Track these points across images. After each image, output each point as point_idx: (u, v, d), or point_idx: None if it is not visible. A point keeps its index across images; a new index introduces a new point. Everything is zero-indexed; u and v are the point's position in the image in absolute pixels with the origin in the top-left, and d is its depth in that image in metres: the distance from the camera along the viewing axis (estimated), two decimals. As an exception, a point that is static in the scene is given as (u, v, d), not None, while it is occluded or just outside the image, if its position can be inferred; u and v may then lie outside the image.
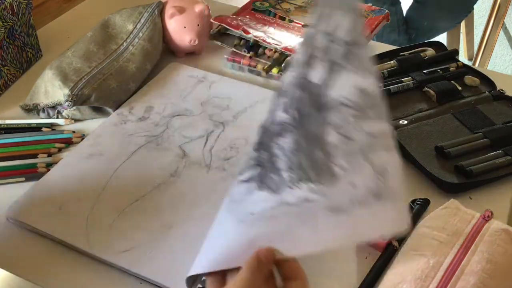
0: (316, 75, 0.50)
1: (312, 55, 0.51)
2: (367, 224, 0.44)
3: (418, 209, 0.60)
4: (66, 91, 0.69)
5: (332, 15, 0.51)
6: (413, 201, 0.61)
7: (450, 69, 0.81)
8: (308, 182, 0.45)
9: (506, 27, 2.38)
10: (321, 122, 0.47)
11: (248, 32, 0.81)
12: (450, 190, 0.62)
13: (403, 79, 0.78)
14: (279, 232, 0.44)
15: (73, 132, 0.70)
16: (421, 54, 0.84)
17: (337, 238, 0.44)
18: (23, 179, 0.63)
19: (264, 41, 0.80)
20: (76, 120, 0.73)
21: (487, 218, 0.55)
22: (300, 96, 0.50)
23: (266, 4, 0.91)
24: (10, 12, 0.76)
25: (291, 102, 0.51)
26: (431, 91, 0.76)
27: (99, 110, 0.73)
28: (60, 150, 0.68)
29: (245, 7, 0.90)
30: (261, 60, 0.81)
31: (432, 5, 1.73)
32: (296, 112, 0.49)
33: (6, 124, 0.70)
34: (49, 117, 0.73)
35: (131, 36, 0.79)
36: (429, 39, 1.74)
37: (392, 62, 0.82)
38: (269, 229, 0.45)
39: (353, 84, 0.47)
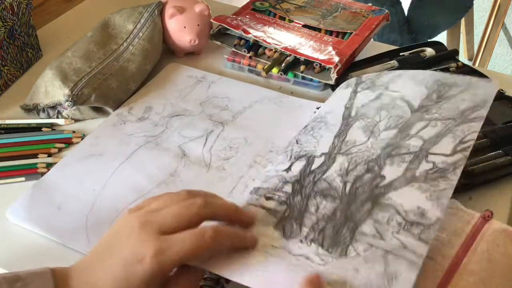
0: (390, 171, 0.54)
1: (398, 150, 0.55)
2: None
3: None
4: (66, 91, 0.69)
5: None
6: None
7: (450, 69, 0.81)
8: (319, 246, 0.47)
9: (506, 27, 2.38)
10: (366, 210, 0.50)
11: (248, 32, 0.81)
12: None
13: (403, 79, 0.78)
14: (262, 268, 0.46)
15: (73, 132, 0.70)
16: (421, 54, 0.84)
17: None
18: (23, 179, 0.63)
19: (264, 41, 0.80)
20: (76, 120, 0.73)
21: (487, 218, 0.55)
22: (364, 175, 0.54)
23: (266, 4, 0.91)
24: (10, 12, 0.76)
25: (351, 171, 0.54)
26: (431, 91, 0.76)
27: (99, 110, 0.73)
28: (60, 150, 0.68)
29: (245, 7, 0.90)
30: (261, 60, 0.81)
31: (431, 2, 1.73)
32: (350, 185, 0.53)
33: (6, 124, 0.70)
34: (49, 117, 0.73)
35: (131, 36, 0.79)
36: (431, 38, 1.75)
37: (392, 62, 0.82)
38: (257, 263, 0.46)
39: (417, 202, 0.50)
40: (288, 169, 0.55)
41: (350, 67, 0.81)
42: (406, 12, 1.77)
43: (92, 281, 0.45)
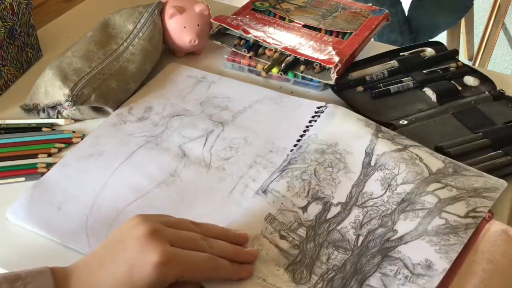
0: (403, 226, 0.55)
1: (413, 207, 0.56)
2: None
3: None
4: (66, 91, 0.69)
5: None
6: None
7: (450, 69, 0.81)
8: None
9: (506, 27, 2.38)
10: (375, 263, 0.52)
11: (248, 32, 0.81)
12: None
13: (403, 79, 0.78)
14: None
15: (73, 132, 0.70)
16: (421, 54, 0.84)
17: None
18: (23, 179, 0.63)
19: (264, 41, 0.80)
20: (76, 120, 0.73)
21: (487, 218, 0.55)
22: (377, 229, 0.55)
23: (266, 4, 0.91)
24: (10, 12, 0.76)
25: (365, 224, 0.56)
26: (431, 91, 0.76)
27: (99, 110, 0.73)
28: (60, 150, 0.68)
29: (245, 7, 0.90)
30: (261, 60, 0.81)
31: (431, 2, 1.73)
32: (362, 239, 0.55)
33: (6, 124, 0.70)
34: (49, 117, 0.73)
35: (131, 36, 0.79)
36: (432, 38, 1.75)
37: (392, 62, 0.82)
38: None
39: (426, 255, 0.52)
40: (304, 209, 0.57)
41: (350, 67, 0.81)
42: (406, 12, 1.77)
43: (93, 281, 0.45)
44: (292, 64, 0.79)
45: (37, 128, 0.71)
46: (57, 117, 0.72)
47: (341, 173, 0.61)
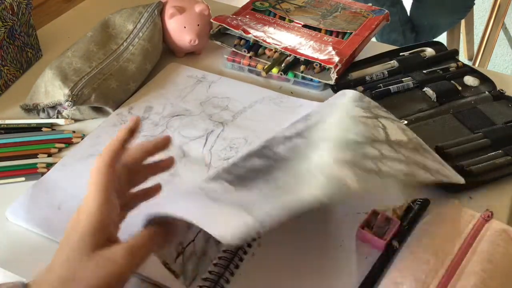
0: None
1: None
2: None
3: (418, 209, 0.59)
4: (66, 91, 0.69)
5: None
6: (413, 201, 0.60)
7: (450, 69, 0.81)
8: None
9: (506, 27, 2.38)
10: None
11: (248, 32, 0.81)
12: (450, 190, 0.62)
13: (403, 79, 0.78)
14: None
15: (73, 132, 0.70)
16: (421, 54, 0.84)
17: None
18: (23, 179, 0.63)
19: (264, 41, 0.80)
20: (76, 120, 0.73)
21: (487, 218, 0.56)
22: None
23: (266, 4, 0.91)
24: (10, 12, 0.76)
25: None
26: (431, 91, 0.76)
27: (99, 110, 0.73)
28: (60, 150, 0.68)
29: (245, 7, 0.90)
30: (261, 60, 0.81)
31: (432, 2, 1.73)
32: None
33: (6, 124, 0.70)
34: (49, 117, 0.73)
35: (131, 36, 0.79)
36: (434, 37, 1.75)
37: (392, 62, 0.82)
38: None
39: None
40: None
41: (350, 67, 0.81)
42: (408, 12, 1.77)
43: None
44: (292, 64, 0.79)
45: (37, 128, 0.71)
46: (57, 117, 0.72)
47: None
